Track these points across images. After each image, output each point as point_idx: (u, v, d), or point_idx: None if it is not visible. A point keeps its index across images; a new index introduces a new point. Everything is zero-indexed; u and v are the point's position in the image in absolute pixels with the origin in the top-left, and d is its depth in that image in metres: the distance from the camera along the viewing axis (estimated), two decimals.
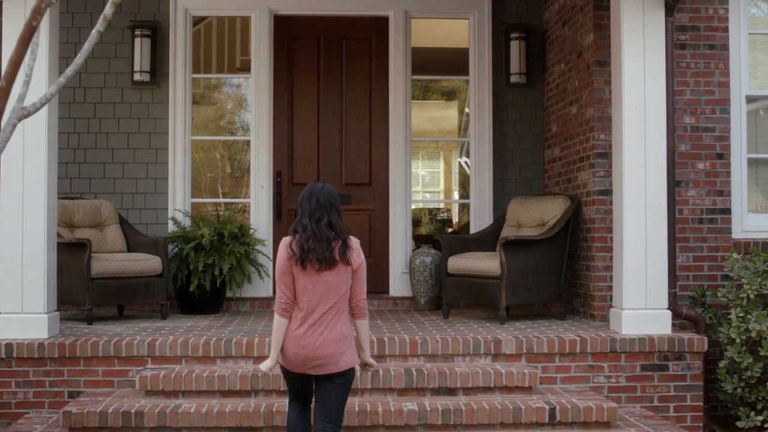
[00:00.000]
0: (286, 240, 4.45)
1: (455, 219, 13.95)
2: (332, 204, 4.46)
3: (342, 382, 4.41)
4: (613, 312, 6.47)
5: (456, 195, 15.25)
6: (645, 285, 6.30)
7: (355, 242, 4.48)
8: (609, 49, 6.87)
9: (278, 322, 4.40)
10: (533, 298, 7.13)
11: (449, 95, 14.71)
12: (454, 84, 14.76)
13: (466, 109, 14.11)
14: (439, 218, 12.87)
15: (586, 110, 7.21)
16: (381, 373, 5.67)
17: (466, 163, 14.82)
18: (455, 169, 15.69)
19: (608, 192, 6.93)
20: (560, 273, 7.22)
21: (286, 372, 4.49)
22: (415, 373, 5.69)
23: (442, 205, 13.97)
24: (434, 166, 15.98)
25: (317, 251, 4.34)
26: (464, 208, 13.24)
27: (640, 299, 6.30)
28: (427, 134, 10.83)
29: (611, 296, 6.82)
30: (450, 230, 13.22)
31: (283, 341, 4.39)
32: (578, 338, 6.12)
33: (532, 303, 7.31)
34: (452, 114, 14.79)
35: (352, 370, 4.45)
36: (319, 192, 4.47)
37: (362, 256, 4.49)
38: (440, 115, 14.56)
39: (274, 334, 4.42)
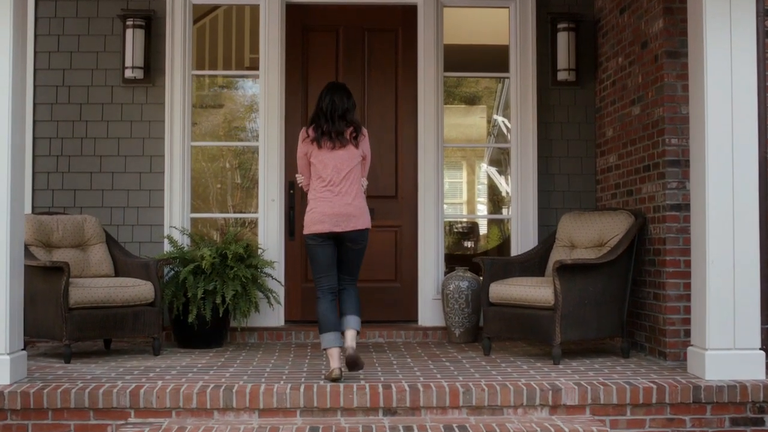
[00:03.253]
0: (304, 128, 5.46)
1: (482, 232, 12.89)
2: (346, 106, 5.38)
3: (359, 245, 5.36)
4: (693, 352, 5.37)
5: (481, 207, 14.20)
6: (733, 319, 5.22)
7: (365, 131, 5.48)
8: (682, 37, 5.85)
9: None
10: (592, 333, 6.03)
11: (472, 100, 13.70)
12: (479, 89, 13.76)
13: (494, 116, 13.11)
14: (455, 231, 11.79)
15: (653, 110, 6.12)
16: (415, 431, 4.59)
17: (493, 172, 13.80)
18: (483, 180, 14.66)
19: (682, 207, 5.87)
20: (623, 302, 6.13)
21: (313, 241, 5.32)
22: (457, 430, 4.60)
23: (466, 220, 12.92)
24: (456, 176, 14.96)
25: (330, 135, 5.30)
26: (493, 223, 12.18)
27: (727, 337, 5.22)
28: (451, 142, 9.77)
29: (685, 331, 5.79)
30: (468, 244, 12.19)
31: (314, 208, 5.30)
32: (654, 385, 5.02)
33: (590, 338, 6.19)
34: (476, 121, 13.79)
35: (367, 233, 5.38)
36: (336, 93, 5.42)
37: (368, 146, 5.49)
38: (463, 122, 13.56)
39: None
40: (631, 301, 6.28)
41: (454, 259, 8.58)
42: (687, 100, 5.77)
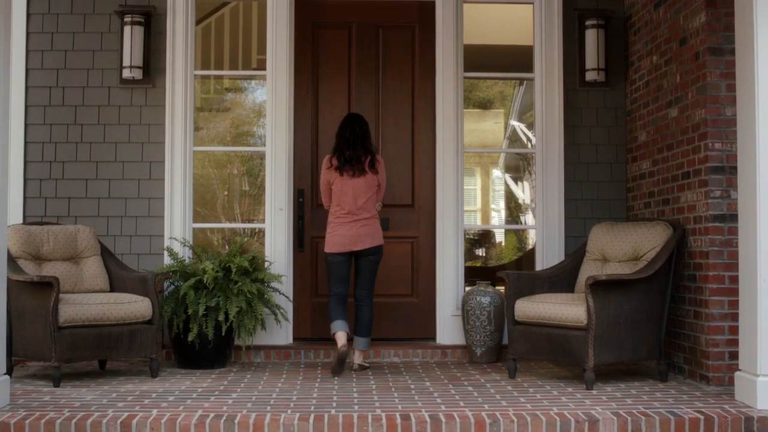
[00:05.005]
0: (327, 156, 6.13)
1: (497, 241, 12.41)
2: (365, 132, 6.09)
3: (374, 258, 6.05)
4: (741, 378, 4.88)
5: (496, 215, 13.74)
6: None
7: (381, 159, 6.15)
8: (726, 32, 5.40)
9: None
10: (627, 355, 5.54)
11: (486, 105, 13.27)
12: (492, 93, 13.32)
13: (510, 121, 12.66)
14: (467, 239, 11.32)
15: (693, 112, 5.63)
16: None
17: (509, 179, 13.35)
18: (498, 187, 14.20)
19: (726, 217, 5.38)
20: (661, 321, 5.64)
21: (333, 258, 6.04)
22: None
23: (480, 229, 12.45)
24: (470, 183, 14.51)
25: (351, 163, 5.99)
26: (510, 233, 11.70)
27: None
28: (466, 147, 9.29)
29: (731, 353, 5.32)
30: (481, 253, 11.73)
31: (334, 231, 6.02)
32: (701, 416, 4.52)
33: (625, 361, 5.69)
34: (491, 126, 13.34)
35: (381, 248, 6.07)
36: (356, 122, 6.10)
37: (384, 174, 6.17)
38: (478, 127, 13.13)
39: None
40: (668, 319, 5.78)
41: (472, 272, 8.09)
42: (732, 100, 5.29)
